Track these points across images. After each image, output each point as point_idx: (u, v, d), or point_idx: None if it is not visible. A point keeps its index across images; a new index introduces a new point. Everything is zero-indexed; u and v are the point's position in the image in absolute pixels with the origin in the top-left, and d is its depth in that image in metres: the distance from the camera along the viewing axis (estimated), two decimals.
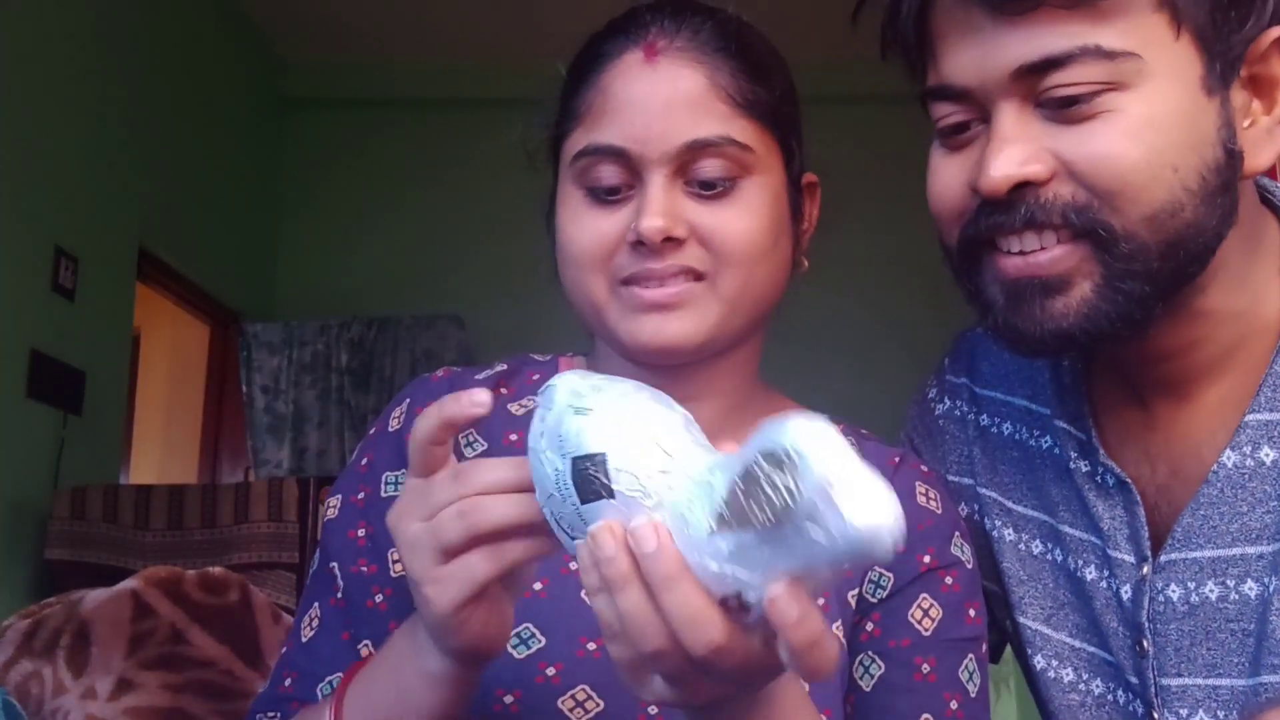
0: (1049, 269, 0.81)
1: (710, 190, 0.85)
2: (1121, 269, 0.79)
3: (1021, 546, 0.99)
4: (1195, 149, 0.78)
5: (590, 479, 0.58)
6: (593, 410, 0.59)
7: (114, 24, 3.66)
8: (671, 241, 0.84)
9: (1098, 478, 0.93)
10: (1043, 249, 0.80)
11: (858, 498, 0.51)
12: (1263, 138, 0.81)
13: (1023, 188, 0.80)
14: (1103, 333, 0.81)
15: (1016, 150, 0.79)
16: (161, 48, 3.97)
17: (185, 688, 1.29)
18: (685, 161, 0.85)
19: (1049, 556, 0.97)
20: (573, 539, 0.61)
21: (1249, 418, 0.85)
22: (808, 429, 0.52)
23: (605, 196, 0.86)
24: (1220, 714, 0.86)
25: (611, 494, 0.57)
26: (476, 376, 0.96)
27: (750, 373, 0.94)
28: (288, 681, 0.89)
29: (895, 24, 0.85)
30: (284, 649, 0.92)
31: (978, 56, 0.80)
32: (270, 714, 0.87)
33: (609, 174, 0.86)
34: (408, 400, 0.95)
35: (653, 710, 0.80)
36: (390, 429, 0.93)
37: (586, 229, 0.87)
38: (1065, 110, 0.78)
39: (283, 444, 4.46)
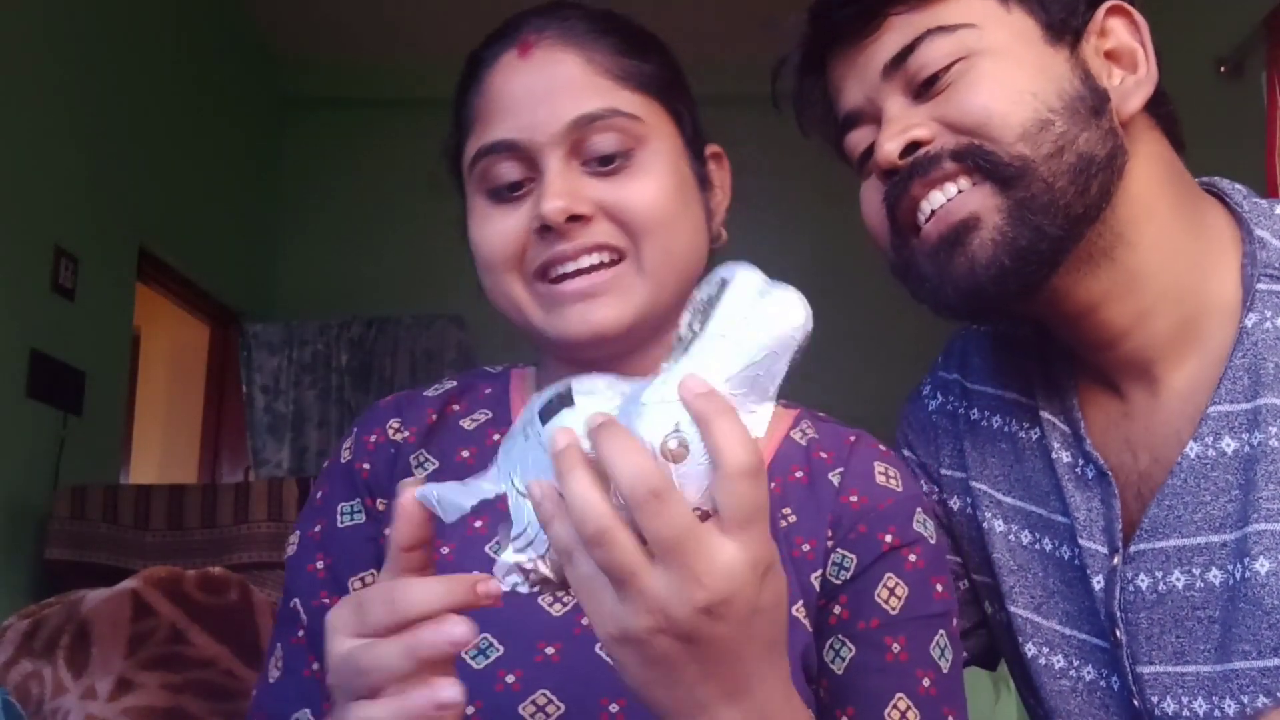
0: (958, 213, 0.88)
1: (608, 165, 0.86)
2: (1022, 196, 0.86)
3: (1011, 537, 1.01)
4: (1050, 80, 0.88)
5: (552, 404, 0.62)
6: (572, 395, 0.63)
7: (114, 24, 3.67)
8: (577, 220, 0.84)
9: (1078, 469, 0.96)
10: (949, 200, 0.88)
11: (779, 292, 0.60)
12: (1132, 89, 0.91)
13: (913, 151, 0.89)
14: (1026, 260, 0.87)
15: (897, 125, 0.90)
16: (162, 48, 3.97)
17: (185, 688, 1.29)
18: (576, 140, 0.85)
19: (1038, 546, 1.00)
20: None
21: (1211, 409, 0.90)
22: (745, 266, 0.62)
23: (507, 194, 0.87)
24: (1185, 699, 0.89)
25: (572, 404, 0.61)
26: (425, 394, 0.96)
27: None
28: None
29: (805, 102, 0.98)
30: (255, 690, 0.92)
31: (857, 78, 0.93)
32: None
33: (507, 170, 0.87)
34: (356, 430, 0.95)
35: (614, 709, 0.79)
36: (342, 460, 0.93)
37: (494, 229, 0.88)
38: (933, 88, 0.89)
39: (283, 444, 4.46)
